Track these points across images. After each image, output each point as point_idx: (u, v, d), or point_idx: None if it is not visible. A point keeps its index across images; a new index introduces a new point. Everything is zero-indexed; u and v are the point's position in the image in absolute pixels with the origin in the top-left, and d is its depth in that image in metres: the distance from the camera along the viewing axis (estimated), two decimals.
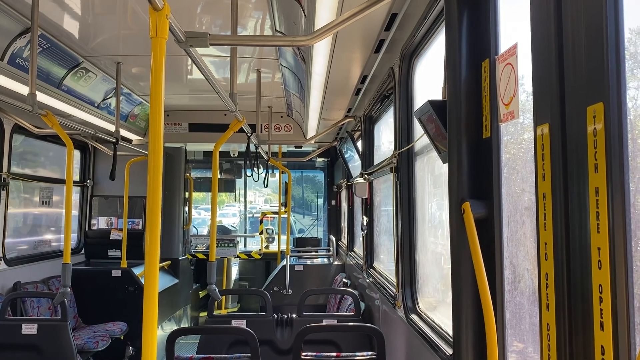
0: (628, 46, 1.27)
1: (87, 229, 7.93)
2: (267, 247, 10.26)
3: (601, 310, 1.22)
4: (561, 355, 1.37)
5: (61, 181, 7.08)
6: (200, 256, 9.53)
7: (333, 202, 9.72)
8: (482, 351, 1.90)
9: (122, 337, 6.77)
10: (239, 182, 11.58)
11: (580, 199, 1.30)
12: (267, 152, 6.96)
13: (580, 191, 1.30)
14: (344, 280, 6.70)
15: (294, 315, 4.72)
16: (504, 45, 1.89)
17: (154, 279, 1.83)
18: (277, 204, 9.25)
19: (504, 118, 1.79)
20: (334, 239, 8.72)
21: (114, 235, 7.79)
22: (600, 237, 1.22)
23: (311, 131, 6.88)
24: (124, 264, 7.09)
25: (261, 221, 10.62)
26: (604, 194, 1.20)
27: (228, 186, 11.45)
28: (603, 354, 1.21)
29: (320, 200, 12.20)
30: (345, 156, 7.23)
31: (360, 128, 5.74)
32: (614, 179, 1.19)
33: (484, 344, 1.80)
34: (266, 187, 7.01)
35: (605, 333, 1.20)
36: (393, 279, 3.92)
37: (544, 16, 1.46)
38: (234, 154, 9.39)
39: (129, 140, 7.56)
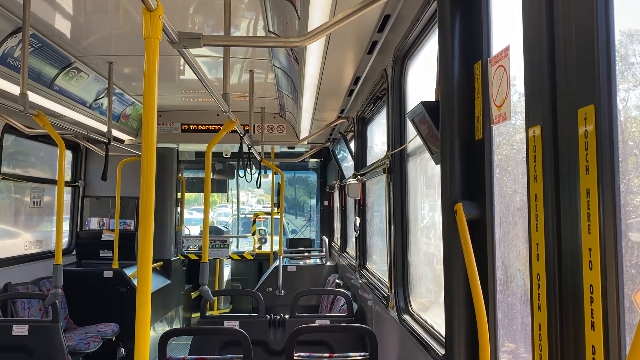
0: (619, 48, 1.28)
1: (78, 230, 7.88)
2: (259, 247, 10.24)
3: (592, 310, 1.23)
4: (552, 355, 1.38)
5: (53, 181, 7.04)
6: (193, 257, 9.51)
7: (326, 203, 9.72)
8: (474, 351, 1.91)
9: (113, 338, 6.74)
10: (232, 183, 11.56)
11: (572, 200, 1.31)
12: (260, 153, 6.95)
13: (572, 192, 1.31)
14: (337, 281, 6.71)
15: (287, 316, 4.72)
16: (496, 48, 1.91)
17: (147, 280, 1.83)
18: (270, 205, 9.24)
19: (496, 120, 1.80)
20: (326, 240, 8.72)
21: (105, 236, 7.75)
22: (591, 237, 1.23)
23: (304, 132, 6.88)
24: (115, 264, 7.06)
25: (254, 222, 10.60)
26: (595, 195, 1.22)
27: (220, 187, 11.41)
28: (594, 354, 1.22)
29: (313, 201, 12.19)
30: (338, 157, 7.24)
31: (353, 129, 5.75)
32: (605, 181, 1.20)
33: (476, 344, 1.81)
34: (259, 187, 7.00)
35: (596, 333, 1.21)
36: (385, 279, 3.93)
37: (535, 18, 1.48)
38: (226, 155, 9.36)
39: (121, 141, 7.52)
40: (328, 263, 7.85)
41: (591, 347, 1.23)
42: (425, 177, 3.28)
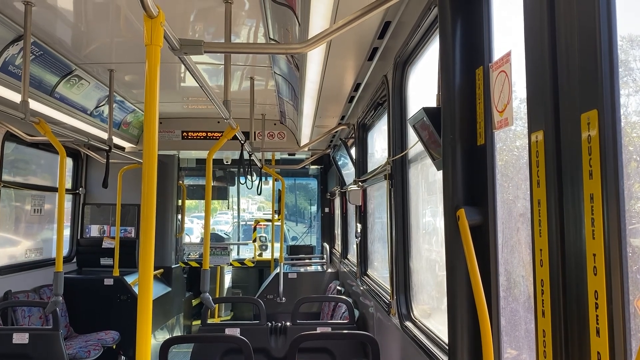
0: (621, 53, 1.28)
1: (79, 237, 7.87)
2: (260, 254, 10.23)
3: (597, 316, 1.22)
4: None
5: (53, 189, 7.04)
6: (193, 264, 9.49)
7: (326, 210, 9.71)
8: (477, 358, 1.90)
9: (114, 347, 6.71)
10: (232, 190, 11.56)
11: (575, 206, 1.31)
12: (260, 160, 6.96)
13: (575, 197, 1.31)
14: (338, 287, 6.69)
15: (288, 323, 4.70)
16: (497, 53, 1.90)
17: (148, 288, 1.82)
18: (271, 212, 9.23)
19: (498, 125, 1.80)
20: (327, 247, 8.71)
21: (106, 244, 7.74)
22: (595, 243, 1.22)
23: (305, 138, 6.88)
24: (116, 272, 7.05)
25: (254, 229, 10.59)
26: (599, 200, 1.21)
27: (221, 194, 11.42)
28: None
29: (314, 208, 12.19)
30: (339, 163, 7.23)
31: (353, 135, 5.75)
32: (609, 186, 1.19)
33: (480, 351, 1.80)
34: (259, 194, 6.99)
35: (601, 339, 1.20)
36: (387, 286, 3.92)
37: (537, 23, 1.47)
38: (227, 162, 9.37)
39: (122, 148, 7.53)
40: (329, 270, 7.83)
41: (596, 353, 1.22)
42: (427, 183, 3.27)
